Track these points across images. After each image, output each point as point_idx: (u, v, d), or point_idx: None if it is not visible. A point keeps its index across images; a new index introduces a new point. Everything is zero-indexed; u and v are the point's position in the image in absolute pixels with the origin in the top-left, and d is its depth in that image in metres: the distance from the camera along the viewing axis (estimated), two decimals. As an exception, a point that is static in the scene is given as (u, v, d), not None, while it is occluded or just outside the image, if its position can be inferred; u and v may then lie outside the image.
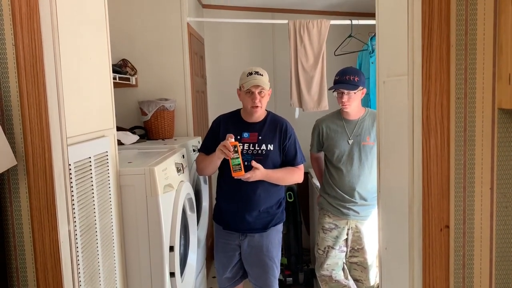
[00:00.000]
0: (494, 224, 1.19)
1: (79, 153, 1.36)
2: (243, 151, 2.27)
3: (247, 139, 2.30)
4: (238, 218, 2.32)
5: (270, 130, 2.33)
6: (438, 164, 1.17)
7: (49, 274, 1.15)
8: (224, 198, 2.39)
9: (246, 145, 2.30)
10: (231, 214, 2.34)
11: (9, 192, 1.15)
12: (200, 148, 2.47)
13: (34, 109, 1.13)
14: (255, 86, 2.24)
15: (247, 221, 2.31)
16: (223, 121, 2.40)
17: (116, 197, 1.73)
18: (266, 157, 2.27)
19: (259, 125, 2.34)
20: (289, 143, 2.34)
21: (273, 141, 2.31)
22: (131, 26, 3.13)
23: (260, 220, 2.33)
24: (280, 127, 2.34)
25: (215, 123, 2.43)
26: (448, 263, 1.21)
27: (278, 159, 2.33)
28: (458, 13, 1.14)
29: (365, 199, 2.60)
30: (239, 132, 2.31)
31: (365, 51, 3.49)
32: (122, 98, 3.03)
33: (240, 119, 2.38)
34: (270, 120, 2.36)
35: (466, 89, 1.16)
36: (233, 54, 4.05)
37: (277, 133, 2.32)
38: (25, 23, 1.10)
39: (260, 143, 2.29)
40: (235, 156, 2.15)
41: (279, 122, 2.37)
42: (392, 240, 1.66)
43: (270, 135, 2.32)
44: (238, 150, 2.15)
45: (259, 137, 2.31)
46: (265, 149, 2.28)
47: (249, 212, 2.30)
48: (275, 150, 2.31)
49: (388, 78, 1.63)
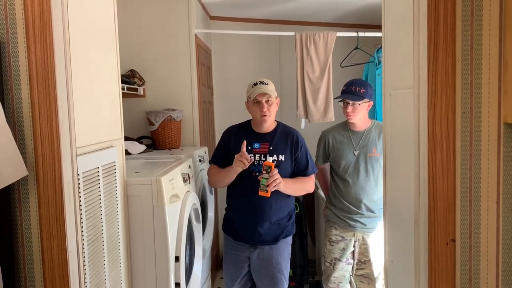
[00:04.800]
0: (501, 238, 1.19)
1: (88, 163, 1.38)
2: (255, 161, 2.26)
3: (258, 150, 2.30)
4: (250, 230, 2.31)
5: (281, 140, 2.33)
6: (444, 178, 1.17)
7: (57, 283, 1.17)
8: (236, 209, 2.38)
9: (257, 155, 2.29)
10: (242, 225, 2.33)
11: (19, 201, 1.17)
12: (212, 159, 2.45)
13: (45, 120, 1.15)
14: (262, 94, 2.25)
15: (258, 233, 2.30)
16: (234, 132, 2.40)
17: (123, 207, 1.74)
18: (278, 167, 2.27)
19: (270, 135, 2.35)
20: (300, 153, 2.34)
21: (285, 152, 2.31)
22: (140, 37, 3.17)
23: (271, 232, 2.32)
24: (291, 138, 2.34)
25: (226, 134, 2.43)
26: (454, 277, 1.21)
27: (289, 169, 2.33)
28: (463, 28, 1.15)
29: (372, 211, 2.59)
30: (250, 142, 2.31)
31: (371, 63, 3.50)
32: (129, 108, 3.07)
33: (251, 129, 2.38)
34: (280, 131, 2.37)
35: (472, 104, 1.16)
36: (240, 65, 4.08)
37: (288, 144, 2.33)
38: (38, 36, 1.13)
39: (271, 153, 2.29)
40: (266, 176, 2.16)
41: (290, 132, 2.37)
42: (398, 253, 1.66)
43: (281, 146, 2.32)
44: (271, 172, 2.15)
45: (270, 147, 2.31)
46: (276, 160, 2.28)
47: (261, 223, 2.29)
48: (287, 160, 2.31)
49: (394, 91, 1.64)
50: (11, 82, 1.15)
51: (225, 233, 2.44)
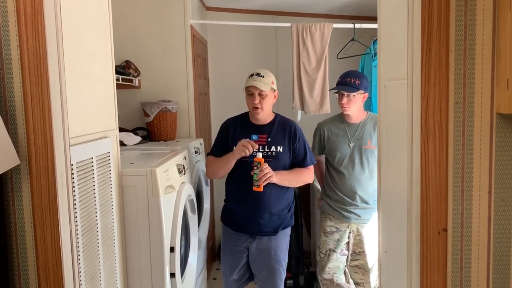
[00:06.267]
0: (492, 228, 1.20)
1: (82, 154, 1.38)
2: (253, 153, 2.27)
3: (256, 142, 2.31)
4: (250, 220, 2.33)
5: (279, 132, 2.34)
6: (436, 168, 1.18)
7: (50, 272, 1.17)
8: (236, 200, 2.39)
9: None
10: (243, 216, 2.34)
11: (11, 191, 1.17)
12: (211, 151, 2.45)
13: (37, 109, 1.15)
14: (253, 87, 2.25)
15: (258, 224, 2.32)
16: (232, 124, 2.41)
17: (117, 197, 1.74)
18: (276, 158, 2.28)
19: (268, 127, 2.35)
20: (298, 144, 2.35)
21: (283, 143, 2.32)
22: (135, 28, 3.15)
23: (271, 223, 2.33)
24: (289, 129, 2.35)
25: (224, 126, 2.44)
26: (445, 266, 1.22)
27: (287, 161, 2.34)
28: (457, 18, 1.15)
29: (366, 202, 2.60)
30: (248, 134, 2.32)
31: (367, 54, 3.50)
32: (124, 99, 3.05)
33: (249, 121, 2.38)
34: (278, 122, 2.37)
35: (465, 94, 1.16)
36: (236, 56, 4.07)
37: (286, 135, 2.34)
38: (29, 24, 1.12)
39: (269, 145, 2.30)
40: (257, 172, 2.19)
41: (288, 124, 2.38)
42: (391, 244, 1.67)
43: (279, 137, 2.33)
44: (261, 167, 2.18)
45: (268, 139, 2.31)
46: (274, 151, 2.29)
47: (261, 214, 2.31)
48: (285, 152, 2.32)
49: (389, 82, 1.64)
50: (3, 71, 1.14)
51: (224, 224, 2.45)
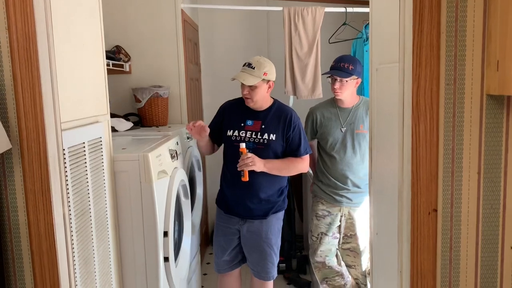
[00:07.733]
0: (481, 208, 1.22)
1: (73, 138, 1.37)
2: (245, 138, 2.27)
3: (250, 127, 2.31)
4: (240, 204, 2.35)
5: (274, 120, 2.32)
6: (427, 149, 1.19)
7: (44, 256, 1.17)
8: (227, 184, 2.41)
9: (249, 132, 2.30)
10: (233, 199, 2.37)
11: (3, 175, 1.16)
12: None
13: (28, 93, 1.13)
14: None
15: (248, 208, 2.34)
16: (228, 108, 2.42)
17: (110, 182, 1.74)
18: (268, 146, 2.28)
19: (264, 113, 2.34)
20: (293, 134, 2.32)
21: (276, 131, 2.30)
22: (125, 12, 3.10)
23: (260, 207, 2.35)
24: (284, 117, 2.32)
25: (221, 109, 2.45)
26: (435, 246, 1.24)
27: (279, 149, 2.32)
28: (448, 0, 1.15)
29: (358, 186, 2.63)
30: (243, 119, 2.32)
31: (359, 39, 3.49)
32: (116, 85, 3.02)
33: (245, 106, 2.36)
34: (275, 109, 2.35)
35: (455, 76, 1.17)
36: (228, 41, 4.03)
37: (281, 123, 2.31)
38: (18, 6, 1.10)
39: (262, 132, 2.30)
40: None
41: (284, 111, 2.35)
42: (382, 225, 1.70)
43: (274, 125, 2.31)
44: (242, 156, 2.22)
45: (262, 125, 2.30)
46: (267, 138, 2.29)
47: (250, 198, 2.32)
48: (278, 140, 2.30)
49: (381, 66, 1.65)
50: (-8, 54, 1.13)
51: (217, 206, 2.48)
